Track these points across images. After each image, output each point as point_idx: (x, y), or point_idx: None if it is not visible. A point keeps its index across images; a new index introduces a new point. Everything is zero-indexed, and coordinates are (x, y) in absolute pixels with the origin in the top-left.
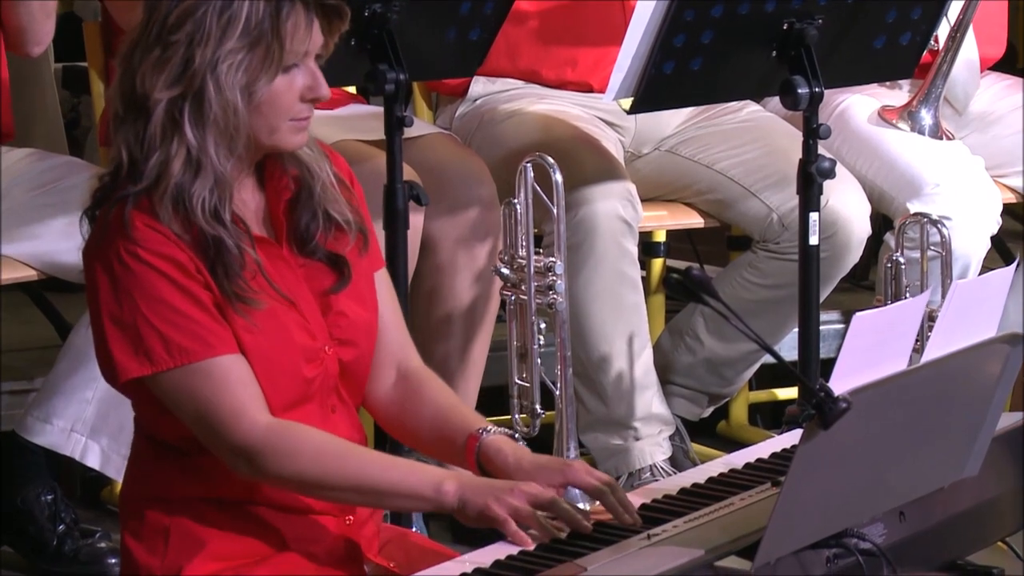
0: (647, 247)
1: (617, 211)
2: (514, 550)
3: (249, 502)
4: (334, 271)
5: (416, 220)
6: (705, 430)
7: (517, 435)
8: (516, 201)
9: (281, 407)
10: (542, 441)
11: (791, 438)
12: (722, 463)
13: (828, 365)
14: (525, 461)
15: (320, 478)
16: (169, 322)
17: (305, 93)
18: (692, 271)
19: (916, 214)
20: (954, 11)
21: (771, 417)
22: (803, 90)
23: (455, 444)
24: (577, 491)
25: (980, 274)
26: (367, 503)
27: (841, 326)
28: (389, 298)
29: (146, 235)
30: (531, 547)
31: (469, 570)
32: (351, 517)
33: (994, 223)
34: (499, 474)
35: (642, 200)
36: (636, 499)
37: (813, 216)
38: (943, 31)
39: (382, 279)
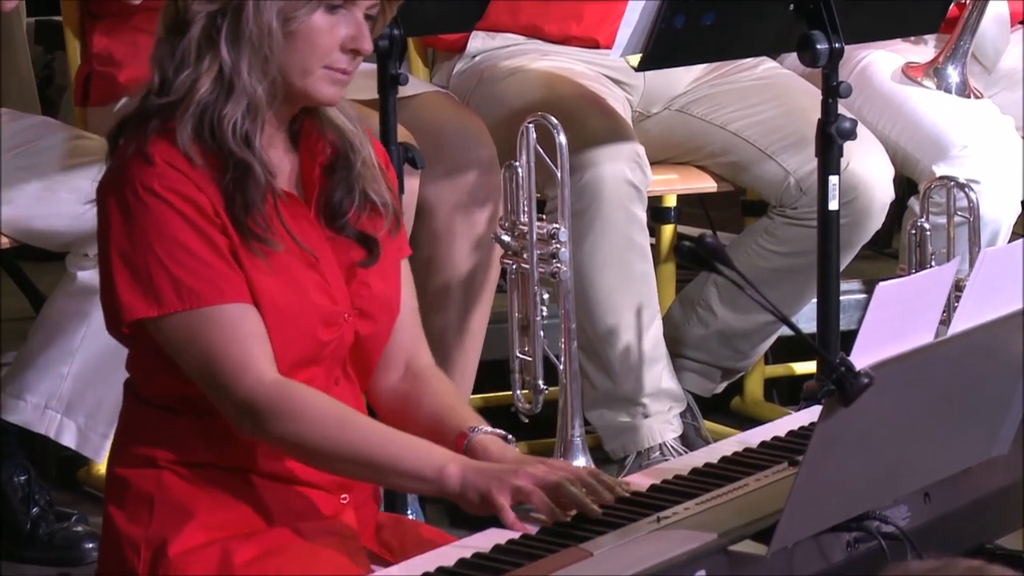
0: (656, 213)
1: (625, 174)
2: (515, 534)
3: (242, 470)
4: (362, 248)
5: (411, 184)
6: (718, 407)
7: (511, 438)
8: (517, 164)
9: (288, 364)
10: (545, 418)
11: (809, 415)
12: (736, 442)
13: (849, 338)
14: (507, 460)
15: (320, 444)
16: (181, 264)
17: (347, 42)
18: (705, 238)
19: (942, 177)
20: None
21: (788, 393)
22: (822, 46)
23: (447, 443)
24: (579, 444)
25: (1010, 241)
26: (365, 477)
27: (863, 296)
28: (407, 292)
29: (165, 171)
30: (531, 531)
31: (468, 555)
32: (346, 496)
33: None
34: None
35: (651, 163)
36: (645, 480)
37: (833, 179)
38: None
39: (404, 271)
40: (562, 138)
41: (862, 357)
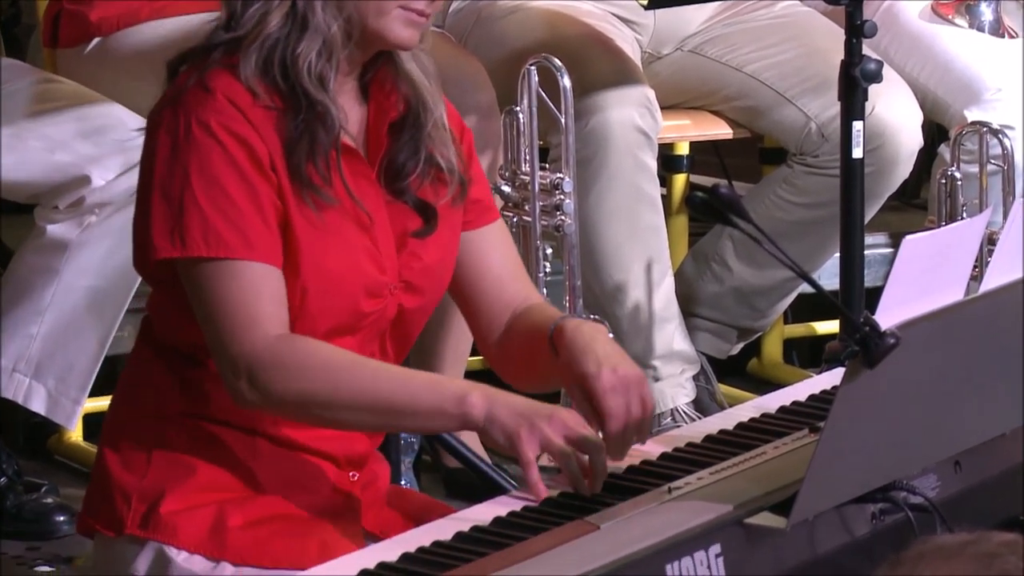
0: (668, 161)
1: (633, 120)
2: (516, 505)
3: (251, 431)
4: (420, 216)
5: None
6: (734, 369)
7: (605, 324)
8: (518, 109)
9: (323, 331)
10: None
11: (831, 378)
12: (753, 407)
13: (874, 295)
14: (598, 347)
15: (329, 395)
16: (217, 207)
17: None
18: (719, 188)
19: (974, 123)
20: None
21: (809, 354)
22: None
23: (543, 349)
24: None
25: None
26: (383, 424)
27: (889, 250)
28: (507, 249)
29: (224, 108)
30: (541, 495)
31: (466, 529)
32: (356, 474)
33: None
34: (564, 353)
35: (662, 107)
36: (655, 447)
37: (857, 125)
38: None
39: (498, 231)
40: (566, 81)
41: (888, 315)
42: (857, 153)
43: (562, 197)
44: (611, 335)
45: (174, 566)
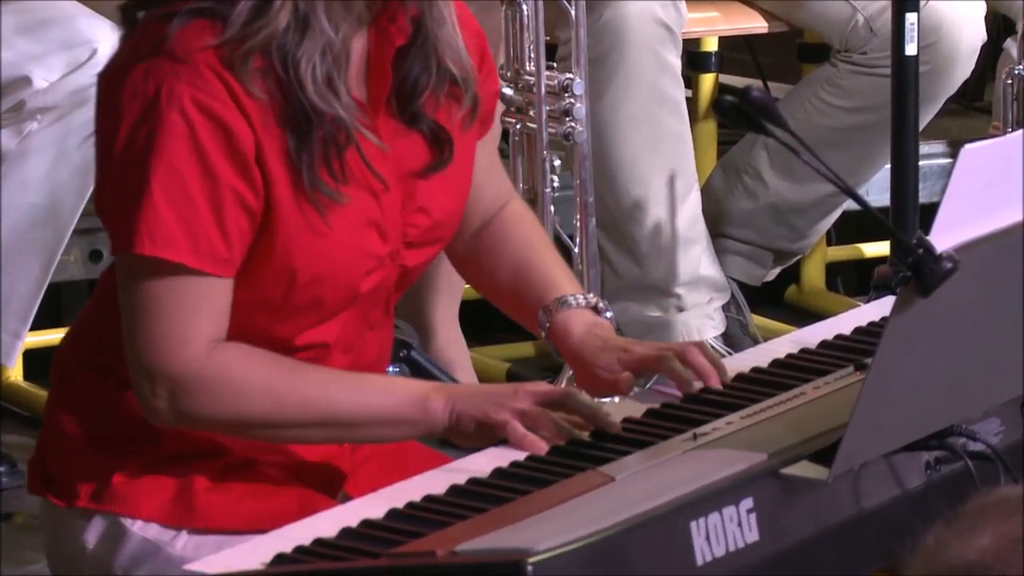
0: (693, 59)
1: (654, 12)
2: (519, 455)
3: None
4: (431, 149)
5: None
6: (770, 297)
7: (603, 305)
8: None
9: (316, 320)
10: None
11: (880, 308)
12: (791, 341)
13: (929, 212)
14: (590, 343)
15: (271, 415)
16: (171, 202)
17: None
18: (752, 91)
19: None
20: None
21: (855, 281)
22: None
23: (530, 312)
24: None
25: None
26: (335, 437)
27: (947, 161)
28: (489, 157)
29: (205, 83)
30: (543, 451)
31: (462, 481)
32: (354, 453)
33: None
34: (567, 357)
35: None
36: (676, 388)
37: (910, 17)
38: None
39: (488, 141)
40: None
41: (945, 236)
42: (911, 49)
43: (572, 101)
44: (610, 317)
45: (128, 535)
